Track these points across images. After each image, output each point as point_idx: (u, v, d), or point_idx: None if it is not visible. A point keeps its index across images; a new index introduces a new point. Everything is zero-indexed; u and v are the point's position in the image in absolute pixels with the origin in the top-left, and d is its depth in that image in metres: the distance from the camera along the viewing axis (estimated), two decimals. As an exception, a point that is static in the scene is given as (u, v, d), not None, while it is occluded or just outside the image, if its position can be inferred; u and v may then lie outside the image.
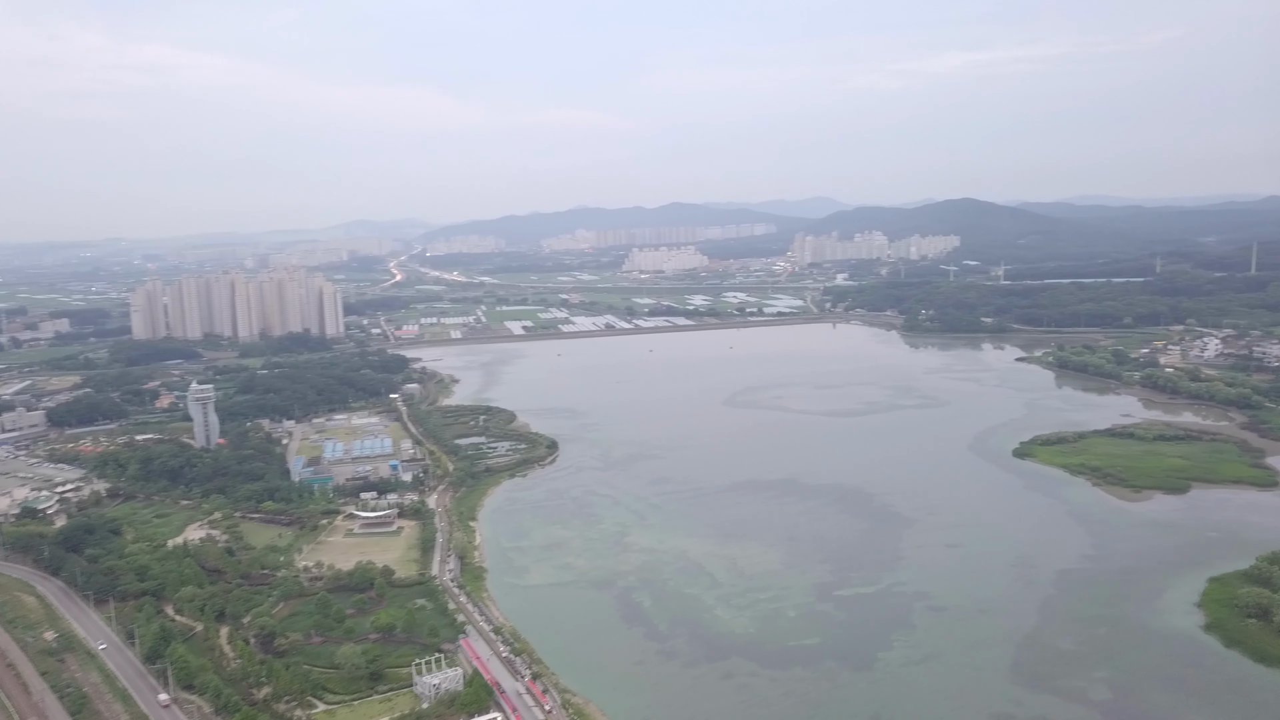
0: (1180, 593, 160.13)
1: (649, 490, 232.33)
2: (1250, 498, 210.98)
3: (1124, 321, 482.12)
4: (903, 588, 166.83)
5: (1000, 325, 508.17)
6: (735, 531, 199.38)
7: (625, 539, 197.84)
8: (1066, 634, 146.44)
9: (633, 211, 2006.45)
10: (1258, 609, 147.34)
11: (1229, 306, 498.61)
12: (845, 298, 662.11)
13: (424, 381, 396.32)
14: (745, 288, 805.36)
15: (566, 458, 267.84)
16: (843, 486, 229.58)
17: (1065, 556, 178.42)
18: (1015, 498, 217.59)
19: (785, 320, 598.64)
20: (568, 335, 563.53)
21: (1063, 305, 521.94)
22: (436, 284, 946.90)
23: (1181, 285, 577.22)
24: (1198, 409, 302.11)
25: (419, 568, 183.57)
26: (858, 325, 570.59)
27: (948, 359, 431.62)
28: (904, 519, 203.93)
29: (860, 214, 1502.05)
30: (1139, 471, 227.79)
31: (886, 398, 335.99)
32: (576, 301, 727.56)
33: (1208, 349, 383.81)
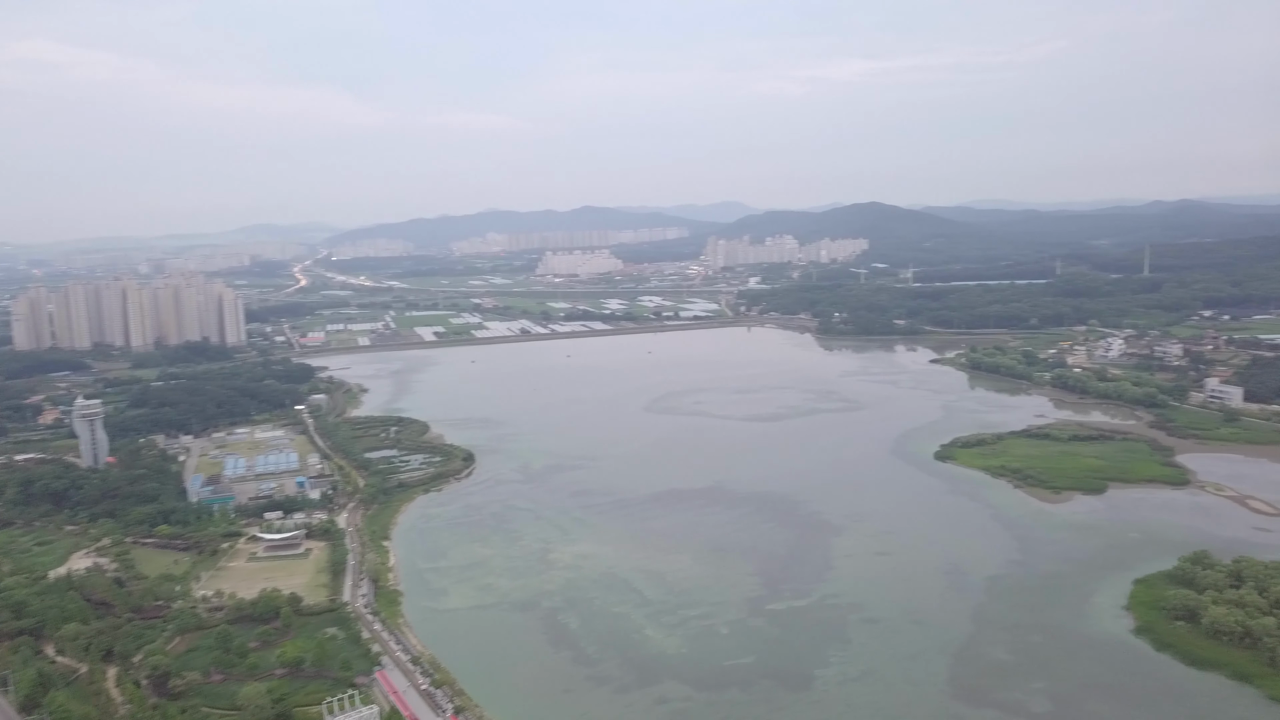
0: (1108, 596, 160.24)
1: (571, 503, 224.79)
2: (1165, 496, 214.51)
3: (1030, 323, 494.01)
4: (835, 599, 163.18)
5: (912, 327, 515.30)
6: (662, 544, 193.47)
7: (549, 556, 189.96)
8: (1001, 643, 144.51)
9: (544, 214, 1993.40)
10: (1185, 611, 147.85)
11: (1128, 307, 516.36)
12: (759, 301, 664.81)
13: (331, 391, 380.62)
14: (661, 291, 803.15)
15: (484, 470, 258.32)
16: (768, 494, 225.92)
17: (993, 562, 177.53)
18: (940, 502, 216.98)
19: (702, 324, 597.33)
20: (481, 341, 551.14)
21: (971, 307, 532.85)
22: (343, 289, 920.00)
23: (1082, 287, 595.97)
24: (1106, 408, 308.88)
25: (329, 593, 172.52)
26: (773, 328, 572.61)
27: (863, 361, 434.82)
28: (832, 527, 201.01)
29: (770, 218, 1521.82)
30: (1058, 473, 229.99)
31: (806, 401, 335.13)
32: (489, 306, 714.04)
33: (1112, 349, 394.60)
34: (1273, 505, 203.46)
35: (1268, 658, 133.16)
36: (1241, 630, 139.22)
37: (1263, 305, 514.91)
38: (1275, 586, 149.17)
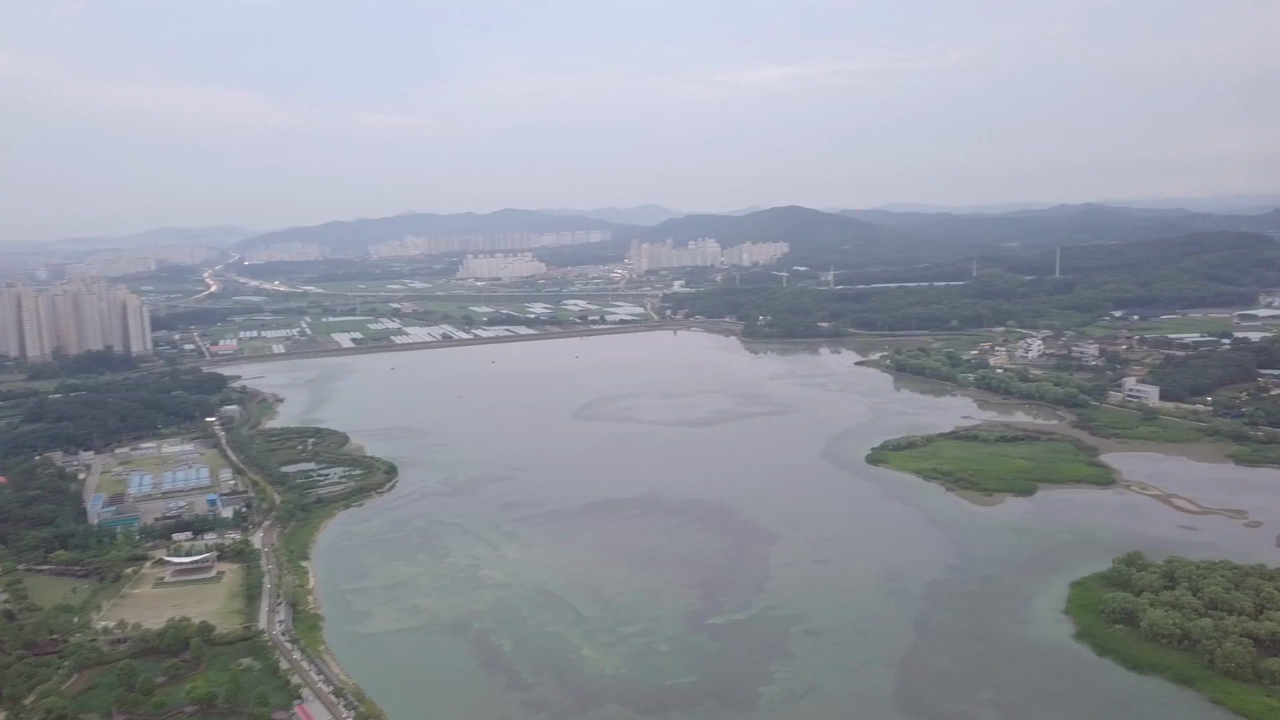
0: (1046, 600, 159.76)
1: (500, 516, 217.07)
2: (1093, 497, 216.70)
3: (951, 324, 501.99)
4: (776, 611, 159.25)
5: (836, 329, 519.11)
6: (597, 557, 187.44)
7: (478, 573, 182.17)
8: (945, 652, 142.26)
9: (465, 217, 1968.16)
10: (1123, 614, 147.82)
11: (1043, 308, 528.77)
12: (685, 304, 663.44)
13: (244, 402, 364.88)
14: (586, 295, 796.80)
15: (407, 483, 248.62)
16: (703, 502, 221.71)
17: (932, 567, 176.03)
18: (875, 507, 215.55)
19: (628, 328, 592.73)
20: (402, 347, 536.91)
21: (893, 309, 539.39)
22: (256, 294, 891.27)
23: (998, 288, 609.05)
24: (1029, 408, 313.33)
25: (244, 620, 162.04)
26: (699, 332, 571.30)
27: (790, 364, 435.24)
28: (769, 535, 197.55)
29: (691, 221, 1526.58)
30: (988, 474, 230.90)
31: (735, 405, 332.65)
32: (410, 311, 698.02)
33: (1031, 349, 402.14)
34: (1196, 503, 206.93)
35: (1206, 660, 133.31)
36: (1180, 633, 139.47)
37: (1168, 305, 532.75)
38: (1208, 587, 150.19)
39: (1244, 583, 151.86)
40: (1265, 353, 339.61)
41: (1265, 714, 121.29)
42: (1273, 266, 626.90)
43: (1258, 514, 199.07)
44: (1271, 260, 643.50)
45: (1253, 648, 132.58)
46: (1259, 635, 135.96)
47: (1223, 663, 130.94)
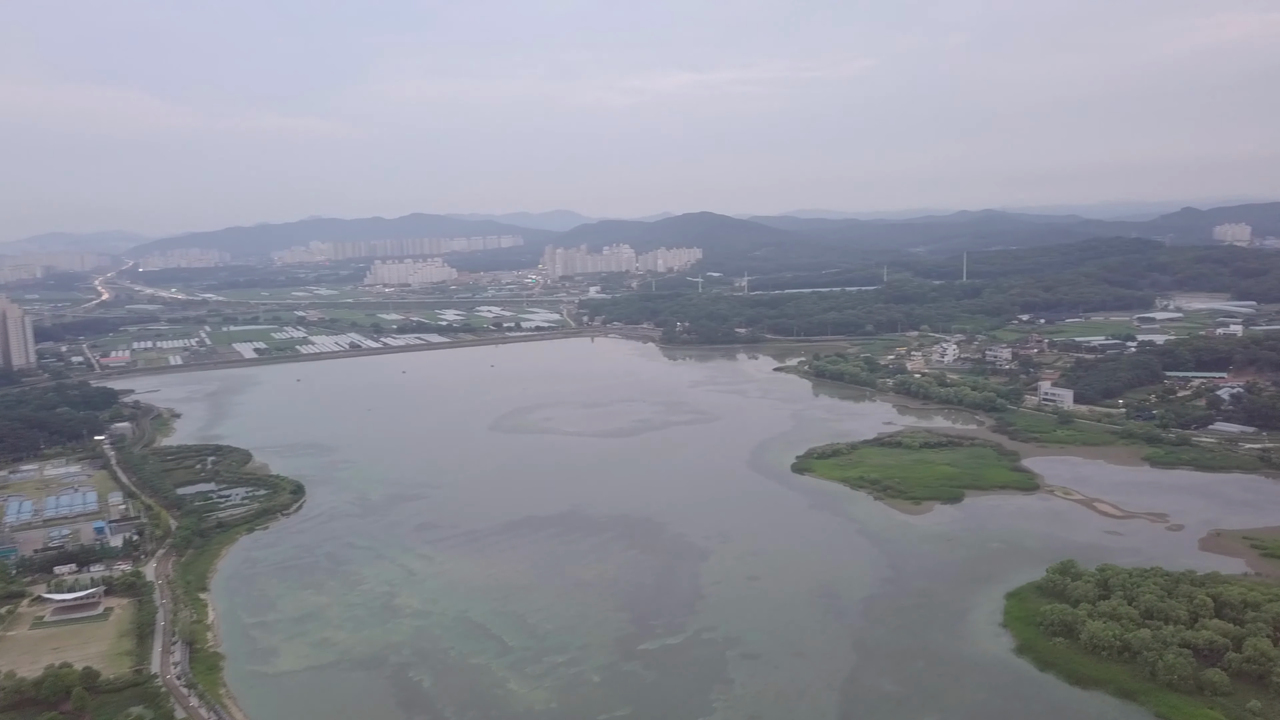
0: (983, 613, 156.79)
1: (416, 538, 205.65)
2: (1018, 503, 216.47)
3: (865, 329, 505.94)
4: (711, 634, 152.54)
5: (753, 335, 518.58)
6: (520, 581, 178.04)
7: (394, 601, 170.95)
8: (886, 673, 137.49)
9: (371, 222, 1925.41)
10: (1062, 626, 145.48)
11: (953, 312, 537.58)
12: (601, 311, 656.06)
13: (138, 418, 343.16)
14: (499, 301, 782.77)
15: (315, 504, 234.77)
16: (629, 516, 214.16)
17: (866, 582, 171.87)
18: (804, 518, 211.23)
19: (544, 335, 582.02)
20: (308, 357, 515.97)
21: (809, 315, 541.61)
22: (151, 303, 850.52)
23: (909, 293, 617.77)
24: (948, 413, 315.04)
25: (134, 663, 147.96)
26: (616, 338, 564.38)
27: (709, 371, 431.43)
28: (698, 550, 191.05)
29: (604, 227, 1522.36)
30: (915, 482, 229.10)
31: (657, 414, 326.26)
32: (315, 319, 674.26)
33: (947, 354, 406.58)
34: (1118, 508, 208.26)
35: (1147, 672, 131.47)
36: (1120, 644, 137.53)
37: (1072, 309, 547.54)
38: (1143, 595, 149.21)
39: (1176, 590, 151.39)
40: (1170, 355, 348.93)
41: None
42: (1166, 271, 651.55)
43: (1178, 517, 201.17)
44: (1164, 265, 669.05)
45: (1192, 658, 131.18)
46: (1197, 645, 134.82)
47: (1164, 675, 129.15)
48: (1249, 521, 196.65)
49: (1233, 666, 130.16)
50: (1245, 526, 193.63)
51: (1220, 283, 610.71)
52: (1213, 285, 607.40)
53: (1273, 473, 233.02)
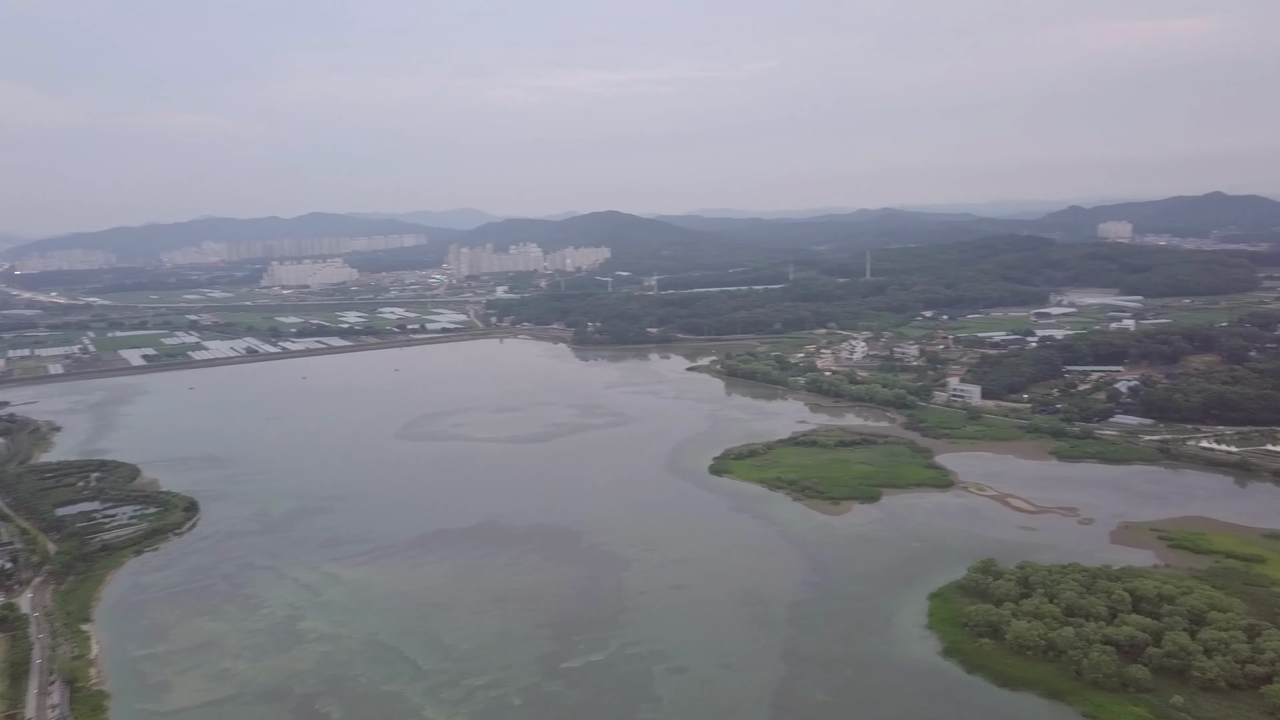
0: (908, 615, 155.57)
1: (322, 555, 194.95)
2: (935, 500, 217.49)
3: (775, 327, 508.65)
4: (636, 648, 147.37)
5: (665, 335, 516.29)
6: (434, 598, 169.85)
7: (298, 626, 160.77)
8: (818, 683, 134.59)
9: (267, 222, 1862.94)
10: (988, 627, 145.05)
11: (859, 310, 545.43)
12: (510, 311, 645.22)
13: (13, 433, 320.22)
14: (403, 302, 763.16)
15: (211, 521, 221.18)
16: (547, 526, 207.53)
17: (791, 586, 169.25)
18: (725, 522, 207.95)
19: (451, 337, 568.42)
20: (201, 364, 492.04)
21: (719, 314, 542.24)
22: (29, 307, 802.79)
23: (815, 291, 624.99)
24: (860, 410, 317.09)
25: (5, 707, 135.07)
26: (526, 339, 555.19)
27: (622, 371, 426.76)
28: (620, 560, 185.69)
29: (510, 226, 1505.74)
30: (833, 482, 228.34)
31: (572, 417, 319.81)
32: (209, 323, 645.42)
33: (856, 351, 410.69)
34: (1031, 503, 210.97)
35: (1073, 671, 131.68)
36: (1045, 644, 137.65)
37: (973, 305, 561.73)
38: (1063, 592, 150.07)
39: (1095, 585, 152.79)
40: (1069, 350, 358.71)
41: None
42: (1059, 267, 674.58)
43: (1088, 510, 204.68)
44: (1057, 261, 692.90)
45: (1115, 655, 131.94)
46: (1118, 641, 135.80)
47: (1089, 673, 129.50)
48: (1154, 513, 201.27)
49: (1154, 661, 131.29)
50: (1151, 518, 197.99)
51: (1109, 278, 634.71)
52: (1103, 281, 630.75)
53: (1172, 464, 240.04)
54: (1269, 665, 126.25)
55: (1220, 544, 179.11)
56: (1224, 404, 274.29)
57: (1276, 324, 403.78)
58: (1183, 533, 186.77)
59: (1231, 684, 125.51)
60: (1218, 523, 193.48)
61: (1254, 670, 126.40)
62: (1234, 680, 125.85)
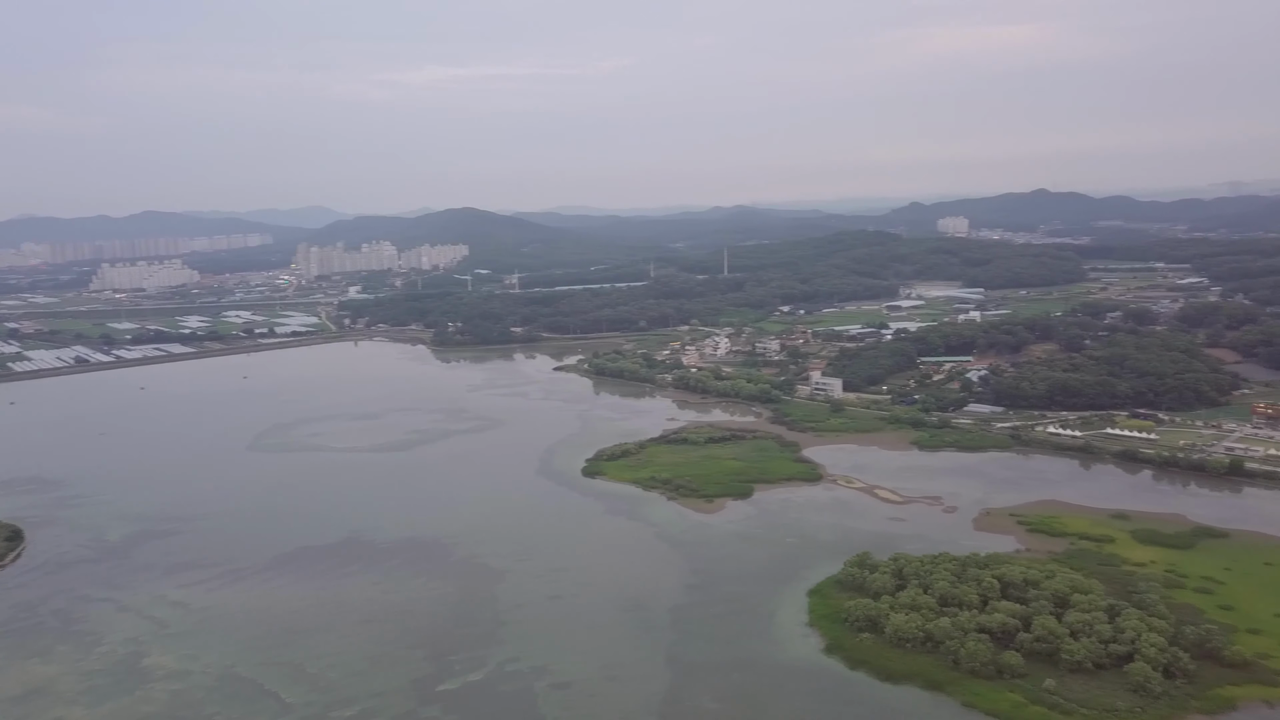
0: (789, 614, 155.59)
1: (168, 582, 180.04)
2: (806, 494, 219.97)
3: (639, 325, 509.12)
4: (516, 665, 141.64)
5: (529, 334, 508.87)
6: (296, 623, 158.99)
7: (143, 663, 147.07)
8: (705, 690, 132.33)
9: (96, 221, 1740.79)
10: (867, 622, 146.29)
11: (720, 306, 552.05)
12: (364, 312, 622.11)
13: None
14: (249, 305, 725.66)
15: (39, 550, 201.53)
16: (415, 540, 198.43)
17: (672, 590, 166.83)
18: (601, 525, 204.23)
19: (303, 340, 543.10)
20: (23, 375, 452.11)
21: (583, 312, 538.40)
22: None
23: (676, 288, 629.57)
24: (726, 406, 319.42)
25: None
26: (383, 342, 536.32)
27: (487, 373, 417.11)
28: (494, 572, 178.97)
29: (361, 224, 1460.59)
30: (706, 479, 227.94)
31: (436, 423, 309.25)
32: (31, 331, 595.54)
33: (719, 347, 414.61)
34: (897, 493, 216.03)
35: (951, 661, 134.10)
36: (923, 635, 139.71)
37: (827, 299, 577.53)
38: (937, 582, 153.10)
39: (965, 574, 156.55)
40: (922, 342, 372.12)
41: (1013, 711, 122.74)
42: (906, 261, 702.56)
43: (950, 499, 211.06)
44: (904, 256, 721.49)
45: (989, 643, 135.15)
46: (991, 628, 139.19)
47: (966, 662, 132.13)
48: (1012, 499, 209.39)
49: (1025, 647, 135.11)
50: (1009, 504, 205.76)
51: (952, 271, 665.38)
52: (947, 274, 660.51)
53: (1023, 449, 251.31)
54: (1129, 644, 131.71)
55: (1074, 526, 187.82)
56: (1066, 390, 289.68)
57: (1106, 313, 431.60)
58: (1039, 517, 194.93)
59: (1097, 664, 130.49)
60: (1069, 505, 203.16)
61: (1116, 650, 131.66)
62: (1099, 660, 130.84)
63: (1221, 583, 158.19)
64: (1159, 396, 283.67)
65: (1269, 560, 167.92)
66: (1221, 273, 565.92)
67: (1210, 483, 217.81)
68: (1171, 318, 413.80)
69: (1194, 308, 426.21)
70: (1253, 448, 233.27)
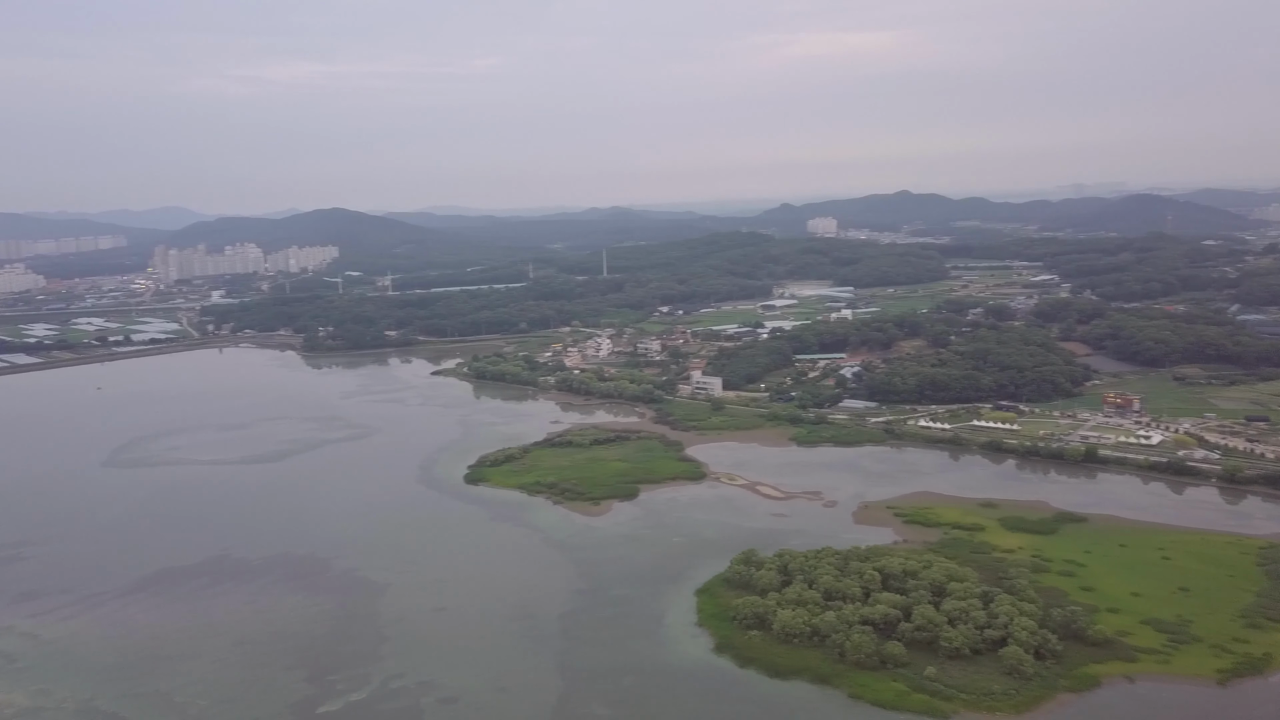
0: (678, 614, 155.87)
1: (15, 612, 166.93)
2: (691, 493, 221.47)
3: (520, 327, 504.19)
4: (401, 681, 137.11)
5: (405, 338, 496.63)
6: (162, 649, 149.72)
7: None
8: (596, 696, 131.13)
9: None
10: (755, 619, 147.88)
11: (600, 307, 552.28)
12: (230, 317, 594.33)
13: None
14: (102, 311, 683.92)
15: None
16: (289, 555, 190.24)
17: (559, 596, 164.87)
18: (486, 533, 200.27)
19: (163, 348, 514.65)
20: None
21: (461, 314, 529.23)
22: None
23: (556, 289, 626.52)
24: (610, 407, 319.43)
25: None
26: (250, 348, 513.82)
27: (362, 379, 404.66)
28: (375, 585, 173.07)
29: (224, 225, 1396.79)
30: (591, 481, 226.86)
31: (309, 432, 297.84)
32: None
33: (601, 348, 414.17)
34: (779, 489, 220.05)
35: (837, 654, 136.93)
36: (810, 630, 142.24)
37: (705, 299, 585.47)
38: (821, 576, 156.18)
39: (848, 567, 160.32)
40: (798, 340, 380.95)
41: (898, 700, 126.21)
42: (779, 262, 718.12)
43: (830, 493, 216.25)
44: (777, 256, 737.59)
45: (873, 634, 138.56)
46: (874, 620, 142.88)
47: (852, 654, 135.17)
48: (888, 491, 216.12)
49: (906, 636, 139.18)
50: (886, 497, 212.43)
51: (823, 271, 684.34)
52: (818, 274, 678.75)
53: (896, 443, 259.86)
54: (1003, 629, 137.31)
55: (947, 516, 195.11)
56: (934, 385, 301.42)
57: (968, 310, 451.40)
58: (914, 508, 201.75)
59: (974, 650, 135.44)
60: (942, 496, 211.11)
61: (991, 635, 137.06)
62: (975, 646, 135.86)
63: (1083, 565, 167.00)
64: (1019, 389, 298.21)
65: (1123, 542, 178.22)
66: (1070, 270, 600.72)
67: (1068, 470, 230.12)
68: (1028, 313, 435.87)
69: (1047, 303, 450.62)
70: (1105, 435, 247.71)
